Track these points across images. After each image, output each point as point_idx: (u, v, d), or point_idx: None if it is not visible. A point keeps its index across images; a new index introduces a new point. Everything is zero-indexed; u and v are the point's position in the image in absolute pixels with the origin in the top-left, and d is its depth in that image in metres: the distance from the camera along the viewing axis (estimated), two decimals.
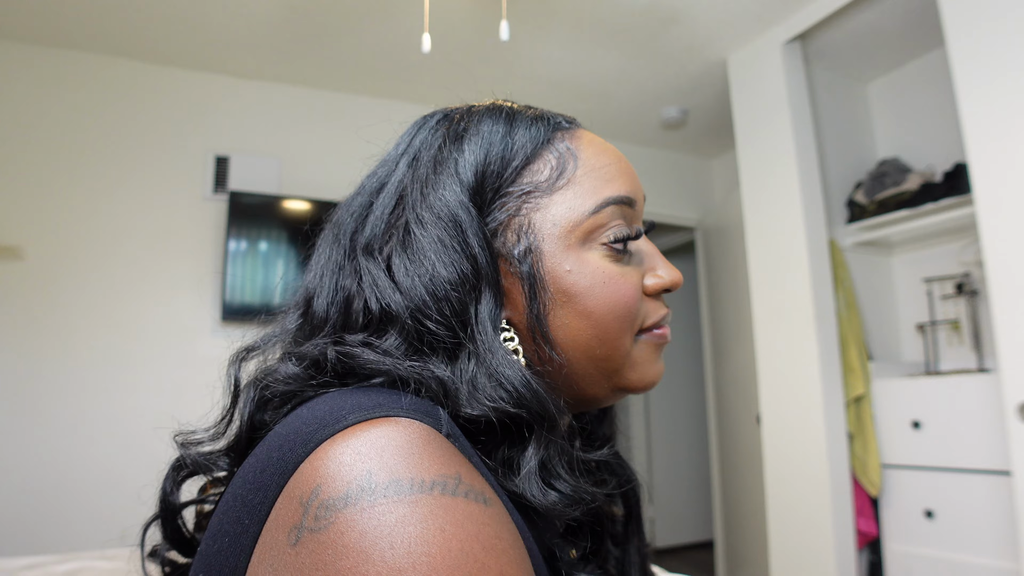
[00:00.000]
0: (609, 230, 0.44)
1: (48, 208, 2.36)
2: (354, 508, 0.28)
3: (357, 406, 0.33)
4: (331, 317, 0.43)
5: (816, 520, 2.16)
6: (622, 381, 0.45)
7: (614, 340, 0.44)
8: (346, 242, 0.45)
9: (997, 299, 1.70)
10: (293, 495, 0.30)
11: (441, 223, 0.42)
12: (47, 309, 2.31)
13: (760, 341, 2.45)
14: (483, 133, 0.45)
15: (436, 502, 0.29)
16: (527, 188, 0.44)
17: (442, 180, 0.43)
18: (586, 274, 0.43)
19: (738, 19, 2.38)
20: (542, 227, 0.43)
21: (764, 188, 2.47)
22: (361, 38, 2.46)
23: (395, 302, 0.40)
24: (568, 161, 0.45)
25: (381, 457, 0.30)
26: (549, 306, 0.42)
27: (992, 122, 1.73)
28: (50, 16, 2.26)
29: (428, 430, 0.33)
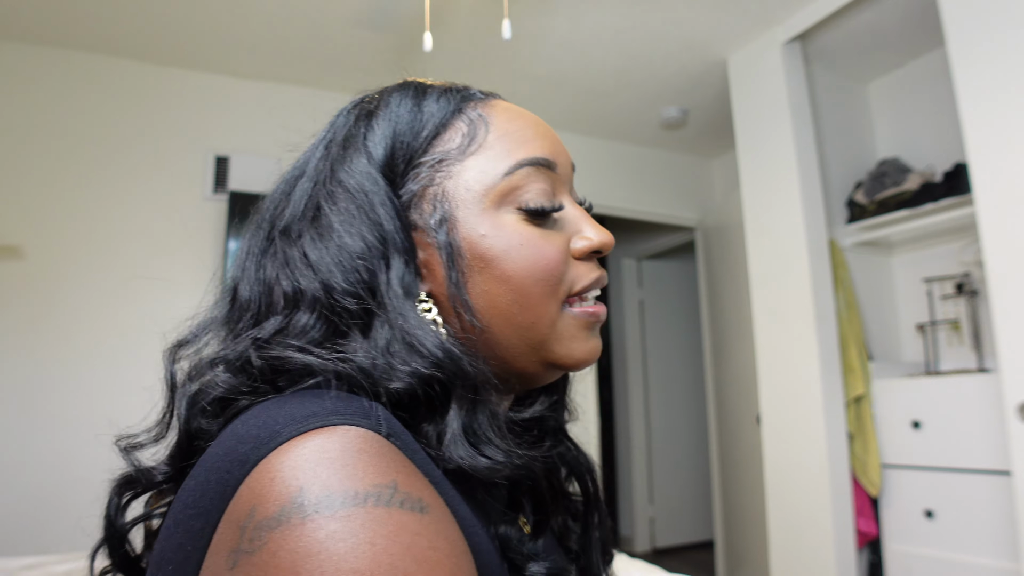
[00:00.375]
0: (526, 193, 0.43)
1: (48, 208, 2.36)
2: (286, 526, 0.28)
3: (290, 419, 0.32)
4: (254, 302, 0.42)
5: (816, 520, 2.16)
6: (550, 355, 0.44)
7: (536, 306, 0.43)
8: (267, 227, 0.45)
9: (997, 299, 1.70)
10: (232, 519, 0.30)
11: (348, 195, 0.42)
12: (47, 309, 2.31)
13: (760, 341, 2.45)
14: (392, 107, 0.45)
15: (368, 515, 0.29)
16: (439, 157, 0.44)
17: (350, 155, 0.44)
18: (502, 237, 0.42)
19: (738, 19, 2.38)
20: (456, 194, 0.43)
21: (764, 188, 2.47)
22: (361, 38, 2.46)
23: (307, 279, 0.40)
24: (479, 127, 0.45)
25: (315, 471, 0.30)
26: (467, 273, 0.42)
27: (992, 122, 1.73)
28: (50, 16, 2.26)
29: (365, 436, 0.32)
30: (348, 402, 0.35)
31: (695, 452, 4.42)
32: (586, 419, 2.44)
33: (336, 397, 0.35)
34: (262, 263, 0.44)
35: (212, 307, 0.46)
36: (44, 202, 2.36)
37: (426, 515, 0.31)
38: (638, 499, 4.27)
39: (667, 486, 4.34)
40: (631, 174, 3.49)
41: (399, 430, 0.35)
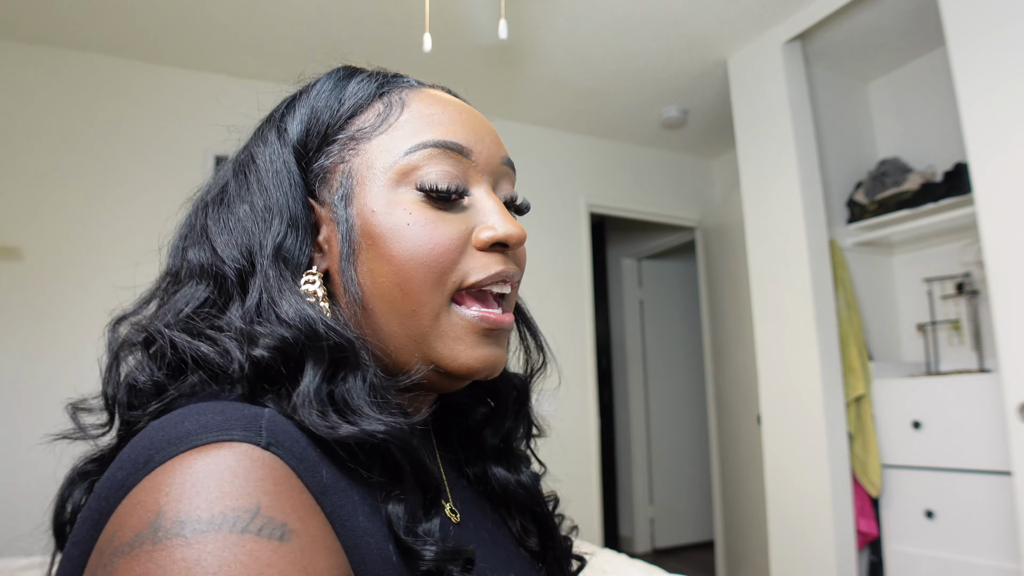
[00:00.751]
0: (427, 174, 0.42)
1: (47, 208, 2.36)
2: (137, 552, 0.28)
3: (165, 441, 0.32)
4: (171, 273, 0.44)
5: (816, 520, 2.16)
6: (431, 352, 0.42)
7: (418, 293, 0.41)
8: (196, 202, 0.48)
9: (997, 299, 1.70)
10: (98, 545, 0.30)
11: (254, 169, 0.44)
12: (45, 310, 2.31)
13: (760, 341, 2.45)
14: (314, 88, 0.47)
15: (222, 541, 0.28)
16: (352, 135, 0.44)
17: (266, 135, 0.45)
18: (392, 216, 0.41)
19: (738, 19, 2.38)
20: (359, 171, 0.43)
21: (764, 188, 2.47)
22: (361, 37, 2.46)
23: (200, 250, 0.42)
24: (395, 109, 0.45)
25: (176, 495, 0.29)
26: (356, 250, 0.42)
27: (992, 122, 1.73)
28: (50, 16, 2.26)
29: (238, 452, 0.31)
30: (229, 414, 0.33)
31: (695, 452, 4.41)
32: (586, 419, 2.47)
33: (221, 408, 0.34)
34: (184, 234, 0.46)
35: (156, 280, 0.48)
36: (42, 203, 2.36)
37: (285, 543, 0.29)
38: (638, 499, 4.27)
39: (667, 486, 4.34)
40: (631, 174, 3.49)
41: (285, 437, 0.34)
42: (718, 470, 3.38)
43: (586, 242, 3.26)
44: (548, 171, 3.26)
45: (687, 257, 4.49)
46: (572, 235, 3.24)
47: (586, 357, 3.16)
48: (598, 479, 3.07)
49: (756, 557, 2.80)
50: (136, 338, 0.41)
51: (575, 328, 3.16)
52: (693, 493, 4.36)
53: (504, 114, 3.15)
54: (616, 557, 1.68)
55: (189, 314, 0.40)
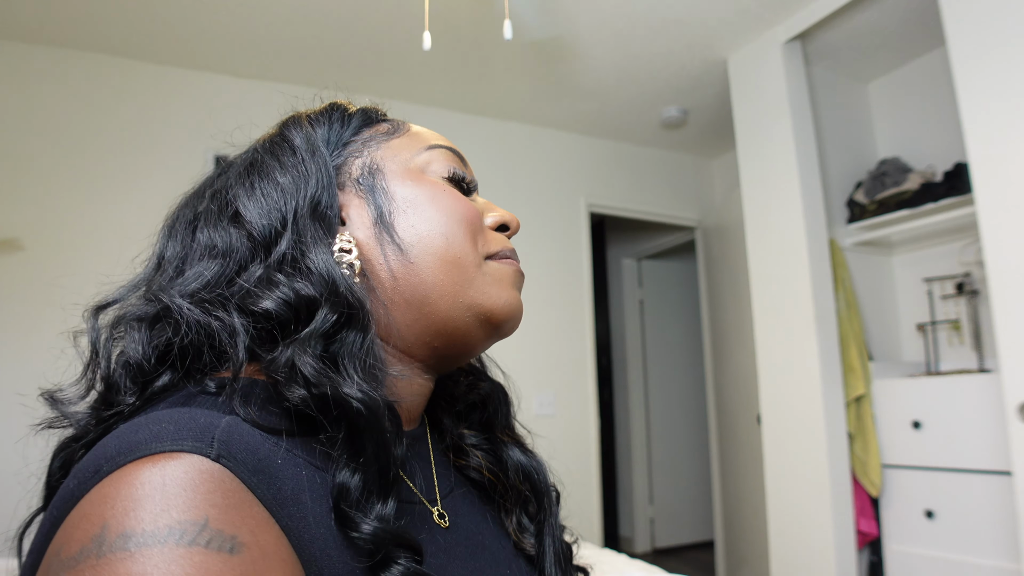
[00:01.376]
0: (443, 166, 0.50)
1: (47, 208, 2.36)
2: (83, 566, 0.27)
3: (116, 451, 0.31)
4: (174, 260, 0.45)
5: (816, 520, 2.16)
6: (477, 295, 0.46)
7: (461, 244, 0.46)
8: (204, 195, 0.48)
9: (997, 299, 1.70)
10: (45, 558, 0.29)
11: (287, 148, 0.47)
12: (46, 308, 2.31)
13: (760, 341, 2.45)
14: (328, 110, 0.52)
15: (168, 554, 0.27)
16: (367, 139, 0.50)
17: (293, 129, 0.49)
18: (427, 185, 0.48)
19: (738, 19, 2.38)
20: (384, 155, 0.49)
21: (764, 188, 2.47)
22: (361, 37, 2.46)
23: (223, 230, 0.44)
24: (400, 126, 0.52)
25: (122, 507, 0.28)
26: (395, 213, 0.46)
27: (992, 122, 1.73)
28: (50, 16, 2.26)
29: (186, 463, 0.30)
30: (183, 424, 0.33)
31: (695, 452, 4.41)
32: (586, 419, 2.47)
33: (171, 418, 0.33)
34: (193, 227, 0.46)
35: (142, 268, 0.48)
36: (43, 202, 2.36)
37: (236, 556, 0.29)
38: (638, 499, 4.27)
39: (667, 486, 4.34)
40: (631, 174, 3.49)
41: (239, 448, 0.33)
42: (718, 470, 3.38)
43: (586, 242, 3.26)
44: (548, 171, 3.26)
45: (687, 257, 4.49)
46: (572, 235, 3.24)
47: (586, 357, 3.16)
48: (598, 479, 3.07)
49: (756, 557, 2.80)
50: (144, 310, 0.41)
51: (575, 328, 3.16)
52: (693, 493, 4.36)
53: (504, 114, 3.15)
54: (616, 557, 1.68)
55: (200, 288, 0.41)
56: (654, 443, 4.38)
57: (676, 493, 4.35)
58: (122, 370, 0.40)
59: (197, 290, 0.41)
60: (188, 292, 0.41)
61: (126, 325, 0.42)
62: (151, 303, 0.42)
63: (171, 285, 0.42)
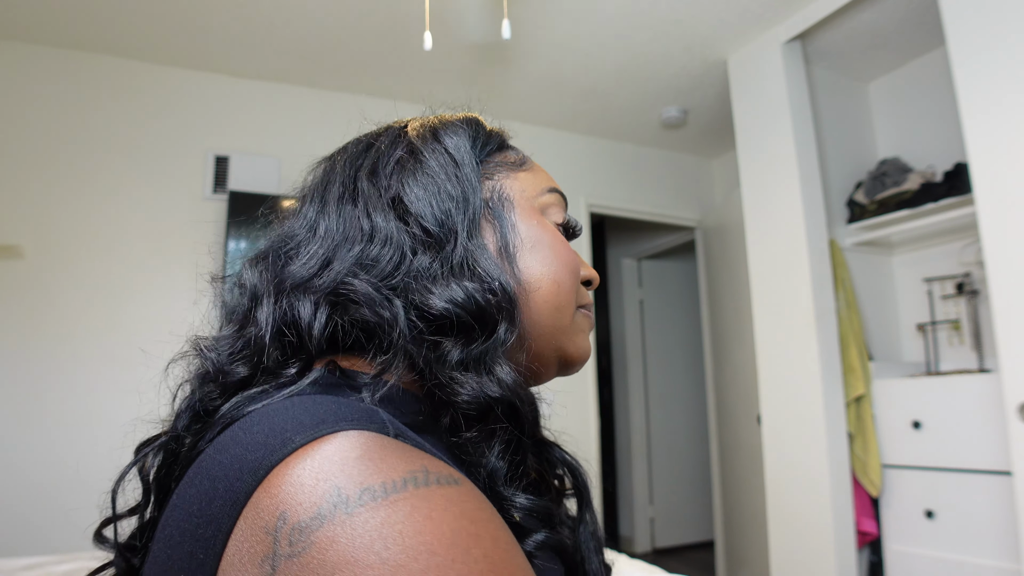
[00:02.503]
0: (556, 211, 0.53)
1: (47, 207, 2.36)
2: (332, 524, 0.28)
3: (300, 425, 0.33)
4: (332, 234, 0.46)
5: (816, 520, 2.16)
6: (567, 342, 0.51)
7: (567, 293, 0.50)
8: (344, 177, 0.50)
9: (997, 299, 1.70)
10: (256, 526, 0.30)
11: (448, 155, 0.49)
12: (46, 308, 2.31)
13: (760, 341, 2.45)
14: (466, 123, 0.54)
15: (414, 496, 0.30)
16: (499, 163, 0.53)
17: (449, 131, 0.51)
18: (548, 231, 0.51)
19: (738, 19, 2.38)
20: (512, 188, 0.51)
21: (764, 188, 2.47)
22: (361, 37, 2.46)
23: (386, 218, 0.45)
24: (526, 157, 0.55)
25: (344, 471, 0.30)
26: (518, 248, 0.48)
27: (992, 122, 1.73)
28: (50, 16, 2.26)
29: (377, 436, 0.33)
30: (352, 407, 0.35)
31: (695, 452, 4.41)
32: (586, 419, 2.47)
33: (340, 403, 0.36)
34: (341, 207, 0.48)
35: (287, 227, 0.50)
36: (43, 201, 2.36)
37: (462, 486, 0.33)
38: (638, 499, 4.26)
39: (667, 486, 4.34)
40: (631, 174, 3.49)
41: (403, 429, 0.37)
42: (718, 470, 3.38)
43: (586, 242, 3.26)
44: (548, 171, 3.25)
45: (687, 257, 4.49)
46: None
47: None
48: (598, 479, 3.07)
49: (756, 557, 2.80)
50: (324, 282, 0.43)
51: None
52: (693, 493, 4.36)
53: (504, 114, 3.15)
54: (616, 557, 1.68)
55: (377, 276, 0.43)
56: (654, 443, 4.38)
57: (676, 493, 4.35)
58: (280, 332, 0.41)
59: (374, 277, 0.43)
60: (366, 278, 0.43)
61: (295, 290, 0.43)
62: (327, 286, 0.43)
63: (344, 267, 0.44)
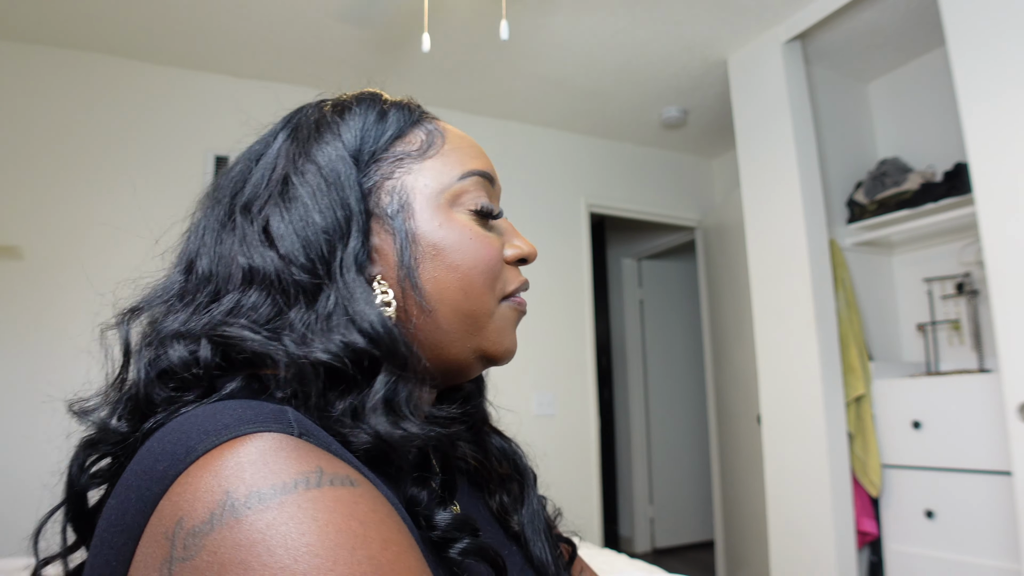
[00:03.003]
0: (474, 198, 0.49)
1: (47, 208, 2.36)
2: (221, 528, 0.29)
3: (203, 433, 0.33)
4: (214, 275, 0.44)
5: (816, 520, 2.16)
6: (484, 342, 0.48)
7: (479, 295, 0.47)
8: (226, 203, 0.47)
9: (997, 299, 1.70)
10: (157, 532, 0.31)
11: (320, 174, 0.45)
12: (46, 308, 2.31)
13: (760, 341, 2.45)
14: (361, 107, 0.50)
15: (302, 497, 0.30)
16: (399, 155, 0.48)
17: (325, 138, 0.47)
18: (455, 230, 0.47)
19: (738, 19, 2.38)
20: (414, 188, 0.47)
21: (764, 188, 2.47)
22: (361, 37, 2.46)
23: (262, 257, 0.42)
24: (436, 137, 0.50)
25: (238, 475, 0.30)
26: (420, 259, 0.46)
27: (992, 122, 1.73)
28: (50, 16, 2.26)
29: (278, 437, 0.33)
30: (258, 409, 0.35)
31: (695, 452, 4.41)
32: (586, 419, 2.46)
33: (246, 406, 0.36)
34: (221, 237, 0.45)
35: (165, 277, 0.48)
36: (43, 202, 2.36)
37: (357, 487, 0.33)
38: (638, 499, 4.27)
39: (667, 486, 4.34)
40: (631, 174, 3.49)
41: (311, 428, 0.36)
42: (718, 470, 3.38)
43: (586, 242, 3.26)
44: (548, 171, 3.26)
45: (687, 257, 4.49)
46: (572, 235, 3.24)
47: (586, 357, 3.16)
48: (598, 479, 3.07)
49: (756, 557, 2.80)
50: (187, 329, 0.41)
51: (575, 328, 3.16)
52: (693, 493, 4.36)
53: (504, 114, 3.15)
54: (616, 557, 1.68)
55: (248, 319, 0.41)
56: (654, 443, 4.38)
57: (676, 493, 4.35)
58: (156, 377, 0.40)
59: (251, 323, 0.41)
60: (243, 324, 0.41)
61: (167, 339, 0.41)
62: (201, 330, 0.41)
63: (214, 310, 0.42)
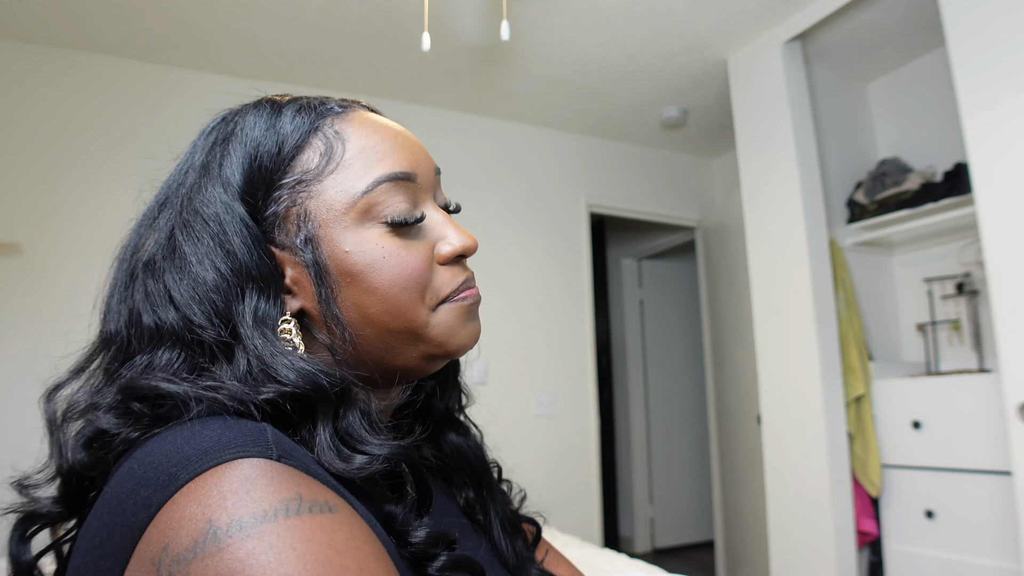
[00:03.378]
0: (387, 207, 0.44)
1: (47, 207, 2.36)
2: (204, 556, 0.29)
3: (185, 459, 0.33)
4: (121, 335, 0.43)
5: (816, 520, 2.16)
6: (430, 348, 0.46)
7: (407, 313, 0.44)
8: (129, 259, 0.45)
9: (998, 299, 1.70)
10: (144, 558, 0.31)
11: (204, 225, 0.42)
12: (46, 307, 2.31)
13: (760, 341, 2.45)
14: (247, 130, 0.45)
15: (281, 526, 0.30)
16: (299, 178, 0.44)
17: (205, 183, 0.44)
18: (366, 252, 0.43)
19: (738, 19, 2.38)
20: (317, 214, 0.43)
21: (764, 188, 2.47)
22: (361, 37, 2.46)
23: (167, 313, 0.41)
24: (336, 145, 0.45)
25: (220, 503, 0.31)
26: (335, 289, 0.43)
27: (992, 122, 1.73)
28: (50, 16, 2.26)
29: (257, 463, 0.33)
30: (237, 431, 0.35)
31: (695, 452, 4.41)
32: (586, 419, 2.47)
33: (224, 426, 0.36)
34: (125, 297, 0.44)
35: (88, 344, 0.46)
36: (43, 201, 2.36)
37: (336, 513, 0.33)
38: (638, 499, 4.27)
39: (667, 486, 4.34)
40: (631, 174, 3.49)
41: (290, 448, 0.36)
42: (718, 470, 3.38)
43: (586, 242, 3.26)
44: (548, 171, 3.26)
45: (687, 257, 4.49)
46: (572, 235, 3.24)
47: (586, 357, 3.16)
48: (598, 479, 3.07)
49: (756, 557, 2.80)
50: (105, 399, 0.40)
51: (575, 328, 3.16)
52: (693, 493, 4.36)
53: (504, 114, 3.15)
54: (616, 557, 1.68)
55: (166, 373, 0.40)
56: (654, 443, 4.38)
57: (676, 493, 4.35)
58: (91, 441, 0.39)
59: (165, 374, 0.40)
60: (152, 374, 0.40)
61: (84, 412, 0.41)
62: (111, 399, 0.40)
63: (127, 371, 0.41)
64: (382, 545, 0.35)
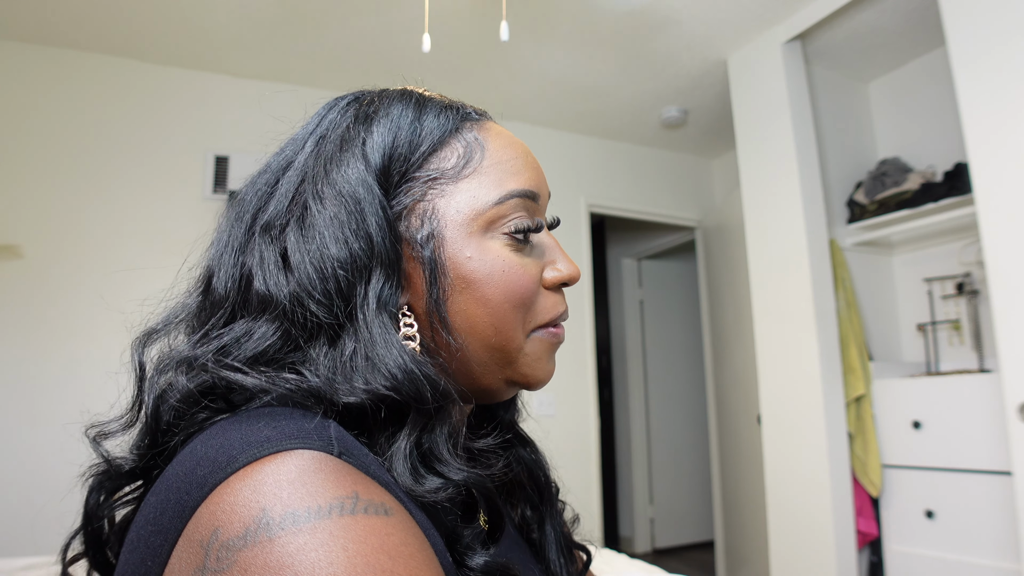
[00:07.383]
0: (511, 221, 0.45)
1: (47, 207, 2.36)
2: (254, 545, 0.29)
3: (246, 443, 0.33)
4: (230, 297, 0.42)
5: (816, 520, 2.16)
6: (514, 374, 0.46)
7: (509, 331, 0.44)
8: (248, 220, 0.45)
9: (998, 299, 1.70)
10: (193, 539, 0.31)
11: (340, 200, 0.41)
12: (46, 308, 2.31)
13: (760, 341, 2.45)
14: (392, 116, 0.45)
15: (335, 524, 0.30)
16: (433, 174, 0.44)
17: (346, 158, 0.43)
18: (486, 262, 0.43)
19: (738, 19, 2.38)
20: (446, 213, 0.43)
21: (764, 188, 2.47)
22: (361, 38, 2.46)
23: (278, 284, 0.40)
24: (475, 151, 0.45)
25: (275, 493, 0.31)
26: (448, 292, 0.43)
27: (992, 122, 1.73)
28: (50, 16, 2.26)
29: (318, 456, 0.33)
30: (301, 423, 0.35)
31: (695, 452, 4.41)
32: (586, 419, 2.48)
33: (289, 417, 0.35)
34: (239, 259, 0.43)
35: (185, 295, 0.46)
36: (43, 201, 2.36)
37: (391, 516, 0.32)
38: (638, 499, 4.26)
39: (667, 486, 4.34)
40: (631, 174, 3.49)
41: (352, 446, 0.36)
42: (718, 470, 3.38)
43: (586, 242, 3.26)
44: (548, 171, 3.24)
45: (687, 257, 4.49)
46: (572, 235, 3.24)
47: (586, 357, 3.16)
48: (598, 479, 3.07)
49: (756, 557, 2.80)
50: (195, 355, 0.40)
51: (575, 328, 3.16)
52: (693, 493, 4.36)
53: (504, 114, 3.14)
54: (616, 557, 1.68)
55: (258, 353, 0.39)
56: (654, 443, 4.38)
57: (676, 493, 4.35)
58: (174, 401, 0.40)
59: (256, 358, 0.40)
60: (247, 359, 0.40)
61: (177, 365, 0.41)
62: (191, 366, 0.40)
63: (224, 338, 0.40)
64: (435, 555, 0.34)
